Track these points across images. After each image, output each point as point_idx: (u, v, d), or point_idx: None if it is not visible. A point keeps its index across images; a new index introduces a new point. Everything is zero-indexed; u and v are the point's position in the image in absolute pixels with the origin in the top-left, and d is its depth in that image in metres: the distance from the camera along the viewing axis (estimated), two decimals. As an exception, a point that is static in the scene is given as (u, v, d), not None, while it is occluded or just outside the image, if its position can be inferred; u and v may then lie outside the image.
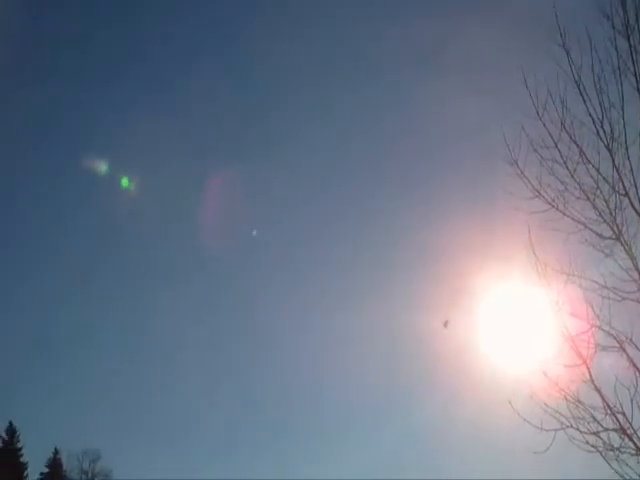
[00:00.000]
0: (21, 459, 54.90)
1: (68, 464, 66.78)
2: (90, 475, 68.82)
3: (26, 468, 55.49)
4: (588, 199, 8.50)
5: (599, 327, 8.16)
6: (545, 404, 8.08)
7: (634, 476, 7.72)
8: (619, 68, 8.28)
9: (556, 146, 8.65)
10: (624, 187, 8.40)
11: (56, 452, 58.42)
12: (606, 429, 7.93)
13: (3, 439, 53.94)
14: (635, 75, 8.34)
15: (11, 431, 54.49)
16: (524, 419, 8.10)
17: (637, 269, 8.17)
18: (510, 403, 8.17)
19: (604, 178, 8.48)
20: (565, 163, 8.62)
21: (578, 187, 8.55)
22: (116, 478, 68.03)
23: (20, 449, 55.08)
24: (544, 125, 8.74)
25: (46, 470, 57.17)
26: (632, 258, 8.22)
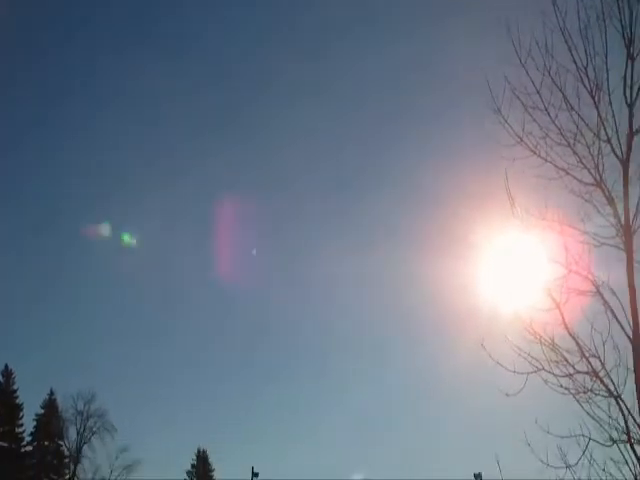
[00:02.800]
0: (16, 401, 55.71)
1: (63, 405, 67.63)
2: (85, 416, 69.69)
3: (21, 409, 56.37)
4: (569, 145, 8.51)
5: (576, 272, 8.23)
6: (519, 348, 8.19)
7: (605, 418, 7.87)
8: (603, 13, 8.21)
9: (538, 92, 8.62)
10: (606, 134, 8.42)
11: (51, 393, 59.06)
12: (579, 372, 8.06)
13: (-1, 381, 54.67)
14: (620, 20, 8.28)
15: (7, 373, 55.10)
16: (497, 362, 8.21)
17: (616, 215, 8.22)
18: (483, 346, 8.27)
19: (587, 124, 8.48)
20: (547, 109, 8.60)
21: (560, 133, 8.56)
22: (111, 419, 69.35)
23: (15, 391, 55.84)
24: (527, 73, 8.70)
25: (41, 411, 57.93)
26: (612, 204, 8.27)
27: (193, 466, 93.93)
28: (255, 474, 69.95)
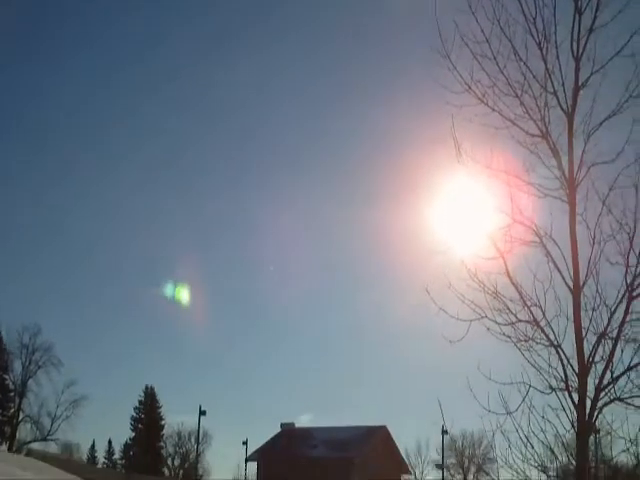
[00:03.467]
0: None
1: (8, 339, 64.31)
2: (30, 349, 66.55)
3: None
4: (517, 96, 8.46)
5: (521, 222, 8.21)
6: (463, 295, 8.11)
7: (545, 366, 7.90)
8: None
9: (487, 41, 8.51)
10: (553, 86, 8.41)
11: (-5, 326, 56.15)
12: (521, 321, 8.07)
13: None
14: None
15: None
16: (441, 308, 8.11)
17: (561, 167, 8.25)
18: (428, 292, 8.15)
19: (534, 76, 8.44)
20: (495, 59, 8.50)
21: (508, 83, 8.48)
22: (58, 353, 66.47)
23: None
24: (477, 21, 8.59)
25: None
26: (556, 156, 8.28)
27: (141, 402, 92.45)
28: (202, 412, 69.11)
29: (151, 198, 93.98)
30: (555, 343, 7.92)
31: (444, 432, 67.56)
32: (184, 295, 70.00)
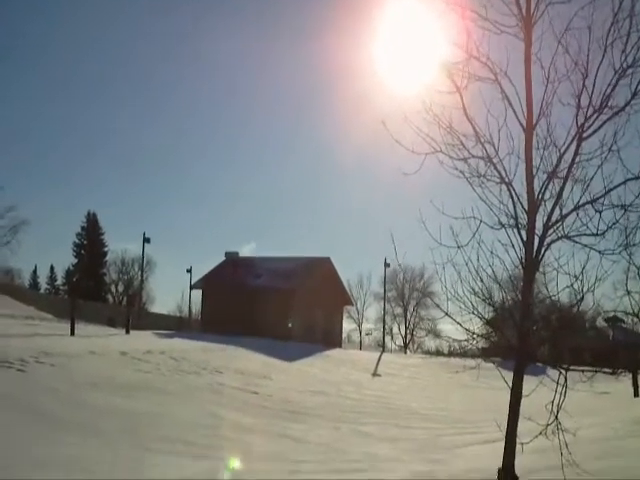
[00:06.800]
0: None
1: None
2: None
3: None
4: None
5: (476, 58, 7.97)
6: (418, 128, 7.83)
7: (496, 203, 7.83)
8: None
9: None
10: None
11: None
12: (474, 156, 7.93)
13: None
14: None
15: None
16: (397, 141, 7.79)
17: (518, 4, 8.05)
18: (384, 124, 7.79)
19: None
20: None
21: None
22: (21, 215, 61.23)
23: None
24: None
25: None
26: (515, -6, 8.07)
27: (83, 228, 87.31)
28: (147, 239, 66.08)
29: None
30: (506, 180, 7.84)
31: (386, 265, 69.47)
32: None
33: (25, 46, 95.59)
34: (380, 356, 48.41)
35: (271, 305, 50.26)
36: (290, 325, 50.37)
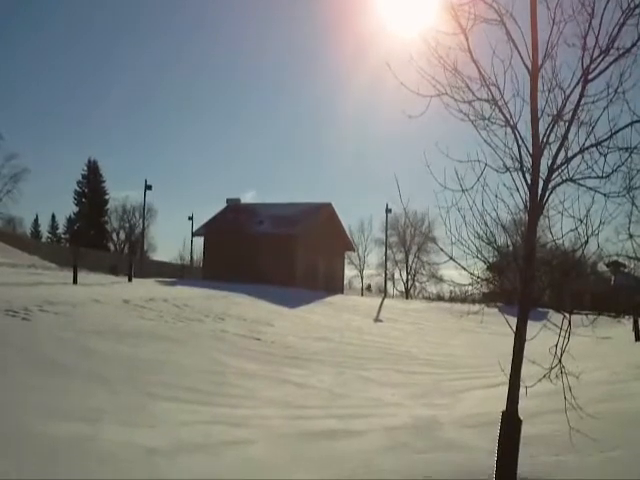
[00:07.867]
0: None
1: None
2: None
3: None
4: None
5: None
6: (423, 70, 7.69)
7: (501, 146, 7.74)
8: None
9: None
10: None
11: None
12: (479, 99, 7.79)
13: None
14: None
15: None
16: (401, 83, 7.67)
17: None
18: (388, 65, 7.65)
19: None
20: None
21: None
22: (22, 163, 62.09)
23: None
24: None
25: None
26: None
27: (84, 177, 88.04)
28: (148, 186, 66.60)
29: None
30: (511, 123, 7.71)
31: (388, 211, 69.82)
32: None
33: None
34: (382, 302, 48.75)
35: (273, 251, 50.40)
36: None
